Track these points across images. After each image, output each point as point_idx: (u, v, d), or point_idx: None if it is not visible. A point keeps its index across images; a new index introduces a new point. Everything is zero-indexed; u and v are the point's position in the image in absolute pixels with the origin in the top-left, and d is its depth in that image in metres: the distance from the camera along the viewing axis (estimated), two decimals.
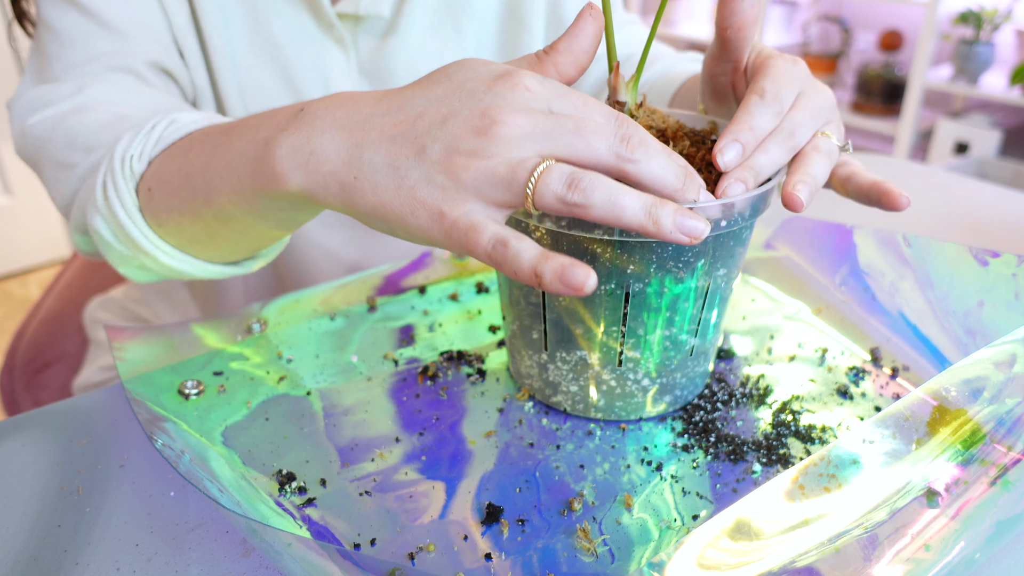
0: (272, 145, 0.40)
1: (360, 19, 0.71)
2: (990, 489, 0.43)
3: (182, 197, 0.47)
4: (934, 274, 0.60)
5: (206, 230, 0.49)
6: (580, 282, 0.34)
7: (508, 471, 0.46)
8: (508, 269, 0.35)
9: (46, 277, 2.32)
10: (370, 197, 0.37)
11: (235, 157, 0.43)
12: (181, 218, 0.49)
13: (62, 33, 0.59)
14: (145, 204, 0.50)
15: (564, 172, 0.35)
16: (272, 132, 0.41)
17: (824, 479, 0.43)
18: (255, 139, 0.42)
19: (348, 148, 0.38)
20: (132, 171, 0.49)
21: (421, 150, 0.36)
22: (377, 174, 0.37)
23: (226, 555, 0.41)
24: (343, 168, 0.38)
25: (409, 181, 0.36)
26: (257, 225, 0.47)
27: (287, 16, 0.69)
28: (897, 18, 2.69)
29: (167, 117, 0.51)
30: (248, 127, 0.44)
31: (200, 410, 0.51)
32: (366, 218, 0.39)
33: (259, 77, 0.69)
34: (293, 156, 0.39)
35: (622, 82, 0.46)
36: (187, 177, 0.47)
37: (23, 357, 0.90)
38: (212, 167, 0.45)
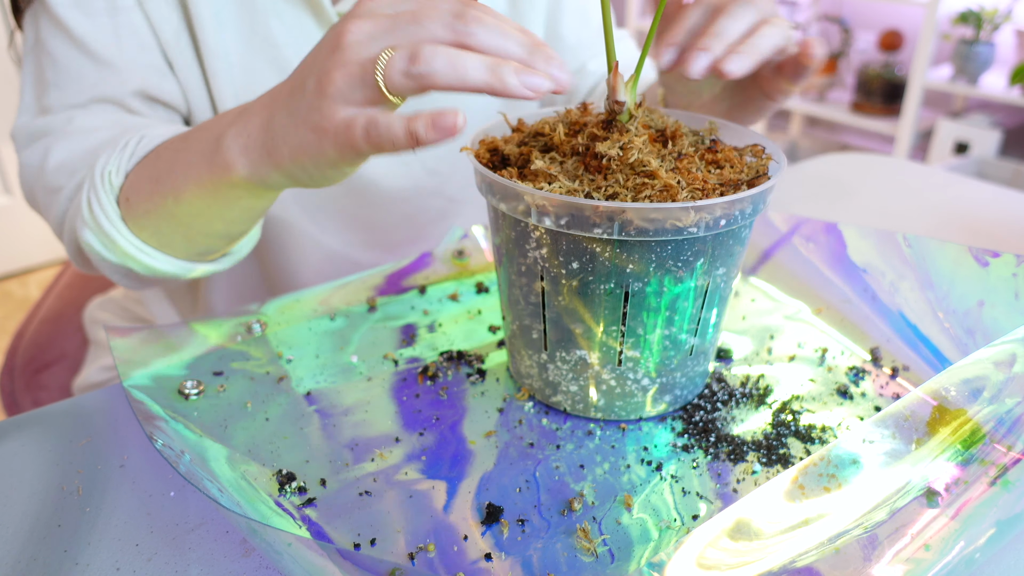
0: (221, 140, 0.47)
1: None
2: (990, 489, 0.43)
3: (155, 200, 0.53)
4: (934, 274, 0.60)
5: (180, 228, 0.54)
6: (451, 122, 0.38)
7: (508, 471, 0.46)
8: (387, 143, 0.39)
9: (46, 277, 2.32)
10: (283, 148, 0.44)
11: (193, 156, 0.50)
12: (158, 220, 0.54)
13: (58, 61, 0.62)
14: (126, 213, 0.55)
15: (405, 51, 0.39)
16: (221, 130, 0.48)
17: (824, 479, 0.43)
18: (208, 139, 0.49)
19: (266, 118, 0.45)
20: (111, 185, 0.55)
21: (301, 88, 0.42)
22: (282, 125, 0.43)
23: (226, 555, 0.41)
24: (265, 135, 0.45)
25: (299, 118, 0.42)
26: (223, 215, 0.53)
27: (286, 17, 0.68)
28: (897, 18, 2.69)
29: (137, 134, 0.57)
30: (203, 129, 0.50)
31: (200, 410, 0.51)
32: (291, 170, 0.45)
33: (258, 79, 0.69)
34: (235, 144, 0.46)
35: (621, 82, 0.46)
36: (156, 182, 0.53)
37: (23, 357, 0.90)
38: (176, 169, 0.51)
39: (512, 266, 0.48)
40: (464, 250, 0.70)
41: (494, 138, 0.50)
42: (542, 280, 0.46)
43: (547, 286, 0.46)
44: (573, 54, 0.82)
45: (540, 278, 0.46)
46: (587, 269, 0.44)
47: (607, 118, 0.47)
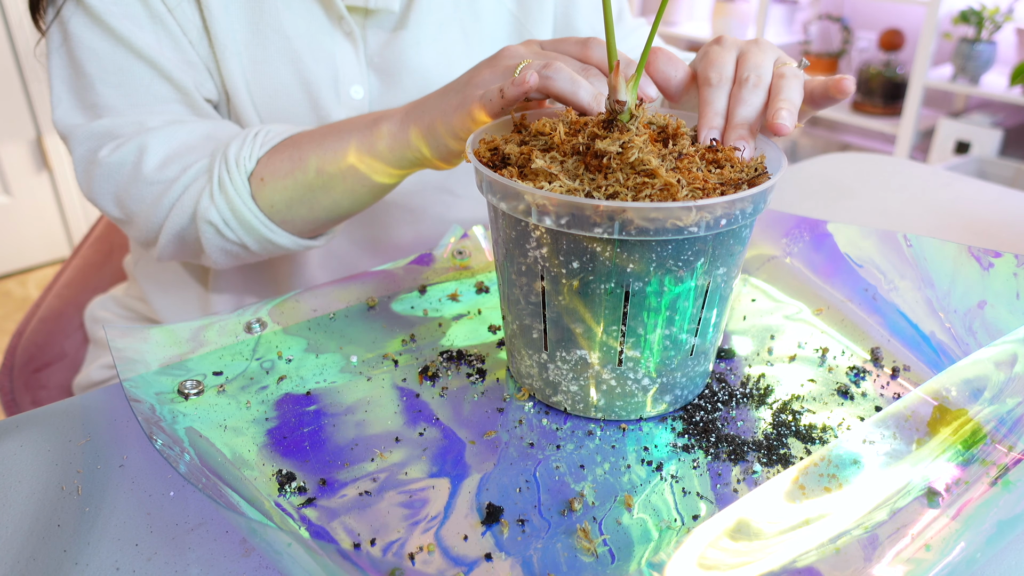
0: (379, 120, 0.61)
1: (370, 12, 0.72)
2: (991, 489, 0.43)
3: (295, 176, 0.63)
4: (935, 274, 0.60)
5: (309, 203, 0.64)
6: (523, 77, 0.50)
7: (508, 471, 0.46)
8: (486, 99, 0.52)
9: (45, 276, 2.32)
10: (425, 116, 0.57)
11: (347, 133, 0.62)
12: (292, 195, 0.64)
13: (104, 58, 0.65)
14: (256, 192, 0.64)
15: (542, 61, 0.51)
16: (378, 116, 0.61)
17: (824, 479, 0.43)
18: (366, 120, 0.62)
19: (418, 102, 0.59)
20: (246, 168, 0.64)
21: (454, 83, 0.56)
22: (432, 103, 0.57)
23: (226, 555, 0.41)
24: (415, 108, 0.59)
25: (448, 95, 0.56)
26: (353, 189, 0.63)
27: (296, 9, 0.70)
28: (898, 17, 2.69)
29: (263, 128, 0.66)
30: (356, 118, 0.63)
31: (200, 410, 0.51)
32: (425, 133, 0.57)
33: (267, 70, 0.70)
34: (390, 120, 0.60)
35: (622, 81, 0.46)
36: (299, 160, 0.63)
37: (22, 356, 0.90)
38: (326, 144, 0.62)
39: (512, 266, 0.48)
40: (464, 250, 0.70)
41: (495, 137, 0.50)
42: (542, 280, 0.46)
43: (547, 286, 0.46)
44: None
45: (540, 278, 0.46)
46: (587, 269, 0.44)
47: (607, 118, 0.47)
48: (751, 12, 2.79)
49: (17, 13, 2.06)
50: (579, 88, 0.50)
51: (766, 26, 2.68)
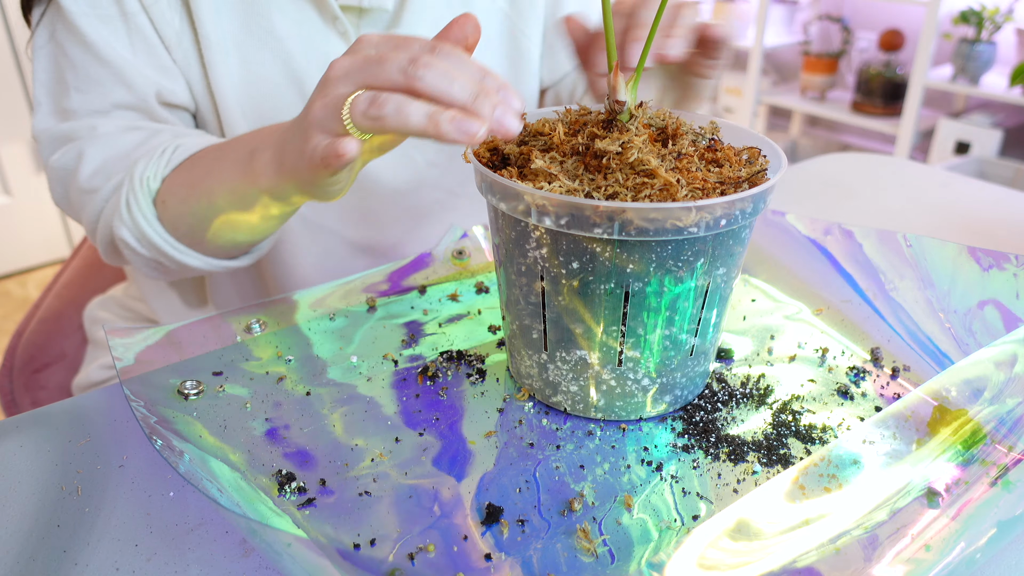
0: (255, 153, 0.54)
1: (364, 12, 0.72)
2: (991, 489, 0.43)
3: (190, 204, 0.60)
4: (935, 274, 0.60)
5: (208, 230, 0.60)
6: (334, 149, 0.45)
7: (508, 471, 0.46)
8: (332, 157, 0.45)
9: (45, 277, 2.32)
10: (287, 162, 0.50)
11: (228, 164, 0.57)
12: (191, 220, 0.61)
13: (77, 65, 0.65)
14: (161, 214, 0.62)
15: (368, 95, 0.43)
16: (257, 143, 0.54)
17: (824, 479, 0.43)
18: (243, 151, 0.55)
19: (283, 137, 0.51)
20: (149, 188, 0.62)
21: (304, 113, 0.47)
22: (290, 145, 0.49)
23: (226, 555, 0.41)
24: (279, 151, 0.51)
25: (295, 141, 0.48)
26: (247, 220, 0.59)
27: (288, 9, 0.69)
28: (898, 17, 2.69)
29: (174, 142, 0.63)
30: (239, 142, 0.57)
31: (200, 410, 0.51)
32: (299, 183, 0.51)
33: (261, 71, 0.70)
34: (263, 156, 0.53)
35: (621, 81, 0.46)
36: (192, 187, 0.59)
37: (22, 357, 0.90)
38: (212, 176, 0.58)
39: (512, 266, 0.48)
40: (464, 250, 0.70)
41: (494, 137, 0.50)
42: (542, 280, 0.46)
43: (547, 286, 0.46)
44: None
45: (540, 278, 0.46)
46: (587, 269, 0.44)
47: (607, 117, 0.47)
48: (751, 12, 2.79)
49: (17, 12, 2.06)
50: (407, 118, 0.42)
51: (766, 26, 2.68)
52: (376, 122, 0.43)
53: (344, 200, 0.78)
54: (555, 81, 0.84)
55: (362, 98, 0.43)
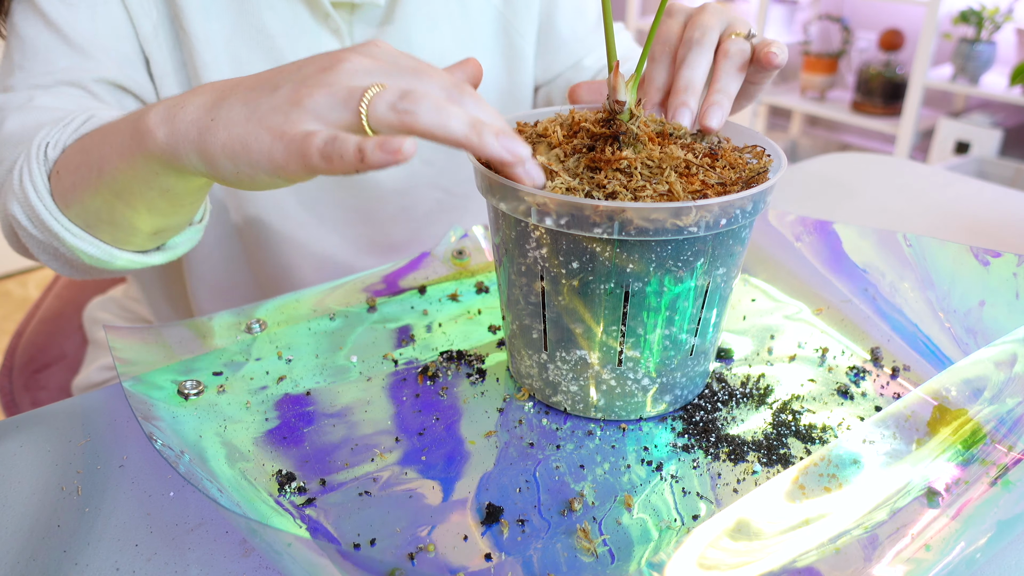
0: (150, 109, 0.45)
1: (356, 7, 0.72)
2: (991, 489, 0.43)
3: (81, 172, 0.51)
4: (935, 274, 0.60)
5: (105, 206, 0.51)
6: (397, 146, 0.37)
7: (508, 471, 0.46)
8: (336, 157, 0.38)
9: (45, 277, 2.32)
10: (221, 133, 0.41)
11: (123, 125, 0.48)
12: (83, 194, 0.51)
13: (27, 43, 0.62)
14: (55, 187, 0.53)
15: (399, 88, 0.39)
16: (156, 104, 0.46)
17: (824, 479, 0.43)
18: (141, 111, 0.46)
19: (212, 100, 0.43)
20: (46, 157, 0.53)
21: (275, 89, 0.41)
22: (232, 112, 0.41)
23: (226, 555, 0.41)
24: (203, 114, 0.42)
25: (259, 113, 0.40)
26: (143, 196, 0.49)
27: (279, 7, 0.69)
28: (898, 17, 2.69)
29: (86, 112, 0.55)
30: (146, 106, 0.48)
31: (200, 410, 0.51)
32: (216, 159, 0.42)
33: (251, 69, 0.69)
34: (163, 113, 0.44)
35: (621, 81, 0.46)
36: (85, 152, 0.51)
37: (22, 357, 0.90)
38: (106, 139, 0.49)
39: (512, 266, 0.48)
40: (464, 250, 0.70)
41: None
42: (542, 280, 0.46)
43: (547, 286, 0.46)
44: (568, 49, 0.82)
45: (540, 278, 0.46)
46: (587, 269, 0.44)
47: (607, 117, 0.47)
48: (751, 12, 2.79)
49: None
50: (449, 118, 0.39)
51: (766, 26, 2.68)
52: (405, 117, 0.39)
53: (341, 200, 0.77)
54: (548, 80, 0.84)
55: (390, 90, 0.39)
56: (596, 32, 0.84)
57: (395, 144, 0.37)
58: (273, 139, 0.40)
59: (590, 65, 0.83)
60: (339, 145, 0.38)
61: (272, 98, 0.41)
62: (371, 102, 0.39)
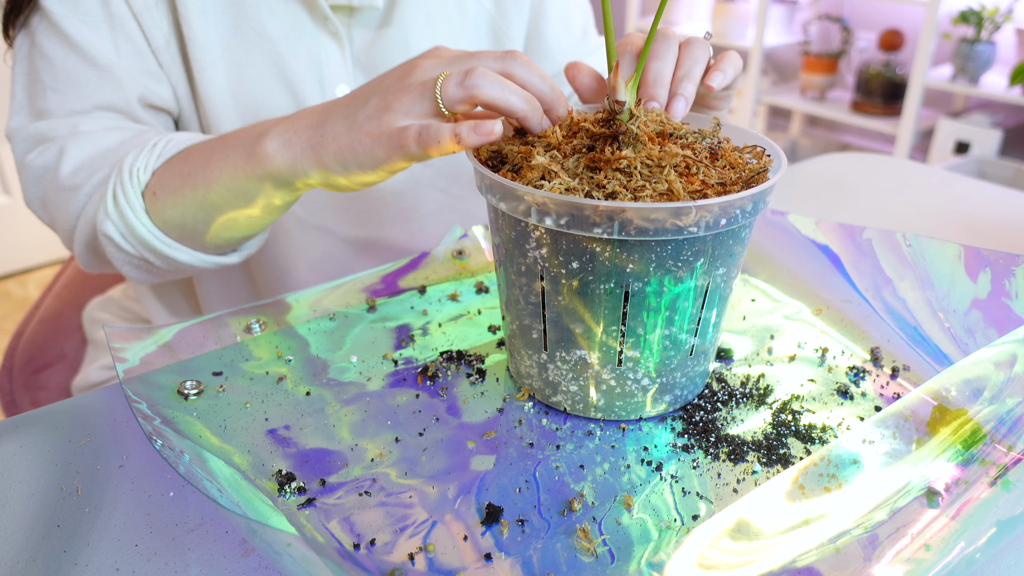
0: (264, 135, 0.53)
1: (354, 10, 0.72)
2: (990, 489, 0.43)
3: (184, 192, 0.58)
4: (934, 274, 0.60)
5: (205, 220, 0.59)
6: (489, 128, 0.46)
7: (508, 471, 0.46)
8: (433, 143, 0.47)
9: (45, 277, 2.32)
10: (331, 145, 0.51)
11: (231, 149, 0.55)
12: (184, 212, 0.59)
13: (56, 66, 0.64)
14: (150, 207, 0.60)
15: (460, 71, 0.47)
16: (265, 128, 0.54)
17: (824, 479, 0.43)
18: (250, 135, 0.55)
19: (317, 121, 0.52)
20: (139, 181, 0.60)
21: (365, 102, 0.50)
22: (336, 127, 0.51)
23: (226, 555, 0.41)
24: (313, 133, 0.52)
25: (357, 122, 0.50)
26: (243, 210, 0.58)
27: (278, 10, 0.69)
28: (898, 17, 2.69)
29: (165, 136, 0.61)
30: (243, 130, 0.56)
31: (200, 410, 0.51)
32: (330, 168, 0.51)
33: (251, 72, 0.69)
34: (279, 138, 0.53)
35: (621, 81, 0.46)
36: (188, 175, 0.58)
37: (22, 357, 0.90)
38: (212, 161, 0.56)
39: (512, 266, 0.48)
40: (464, 250, 0.70)
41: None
42: (542, 280, 0.46)
43: (547, 286, 0.46)
44: (552, 59, 0.83)
45: (540, 278, 0.46)
46: (587, 269, 0.44)
47: (607, 117, 0.47)
48: (751, 12, 2.79)
49: None
50: (510, 94, 0.47)
51: (766, 26, 2.68)
52: (471, 90, 0.46)
53: (340, 201, 0.78)
54: None
55: (455, 73, 0.47)
56: (580, 45, 0.86)
57: (487, 127, 0.46)
58: (373, 141, 0.49)
59: None
60: (433, 132, 0.47)
61: (366, 108, 0.49)
62: (442, 85, 0.47)
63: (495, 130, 0.46)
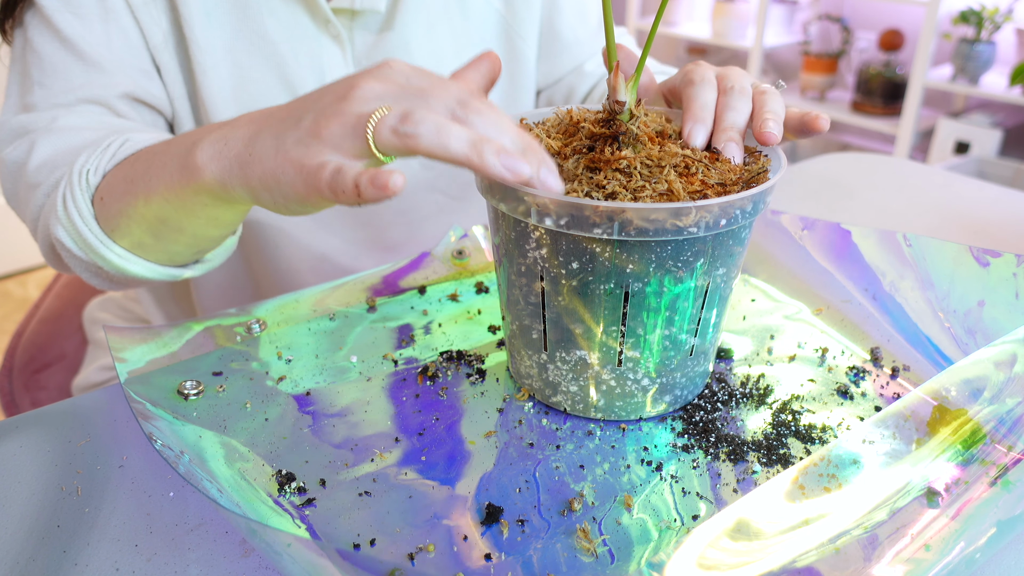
0: (197, 144, 0.47)
1: (356, 14, 0.72)
2: (990, 489, 0.43)
3: (127, 200, 0.53)
4: (934, 274, 0.60)
5: (150, 231, 0.54)
6: (384, 180, 0.38)
7: (508, 471, 0.46)
8: (340, 192, 0.39)
9: (45, 277, 2.32)
10: (257, 167, 0.43)
11: (169, 159, 0.50)
12: (129, 221, 0.54)
13: (45, 60, 0.62)
14: (99, 212, 0.55)
15: (399, 110, 0.39)
16: (201, 136, 0.48)
17: (824, 479, 0.43)
18: (186, 143, 0.49)
19: (250, 134, 0.44)
20: (88, 183, 0.55)
21: (298, 121, 0.42)
22: (265, 147, 0.43)
23: (225, 555, 0.41)
24: (244, 149, 0.44)
25: (285, 146, 0.42)
26: (191, 223, 0.52)
27: (280, 13, 0.69)
28: (898, 17, 2.69)
29: (122, 136, 0.57)
30: (185, 136, 0.50)
31: (200, 410, 0.51)
32: (256, 192, 0.44)
33: (253, 75, 0.69)
34: (211, 149, 0.46)
35: (621, 82, 0.46)
36: (131, 182, 0.53)
37: (22, 357, 0.90)
38: (151, 170, 0.51)
39: (512, 266, 0.48)
40: (464, 250, 0.70)
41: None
42: (542, 280, 0.46)
43: (547, 286, 0.46)
44: (570, 52, 0.82)
45: (540, 278, 0.46)
46: (587, 269, 0.44)
47: (607, 118, 0.47)
48: (751, 12, 2.79)
49: None
50: (449, 138, 0.38)
51: (766, 26, 2.68)
52: (407, 140, 0.39)
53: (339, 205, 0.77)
54: (550, 84, 0.84)
55: (392, 114, 0.39)
56: (598, 36, 0.84)
57: (382, 179, 0.38)
58: (295, 172, 0.41)
59: (592, 71, 0.83)
60: (341, 178, 0.39)
61: (296, 130, 0.42)
62: (376, 127, 0.39)
63: (391, 183, 0.38)
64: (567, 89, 0.84)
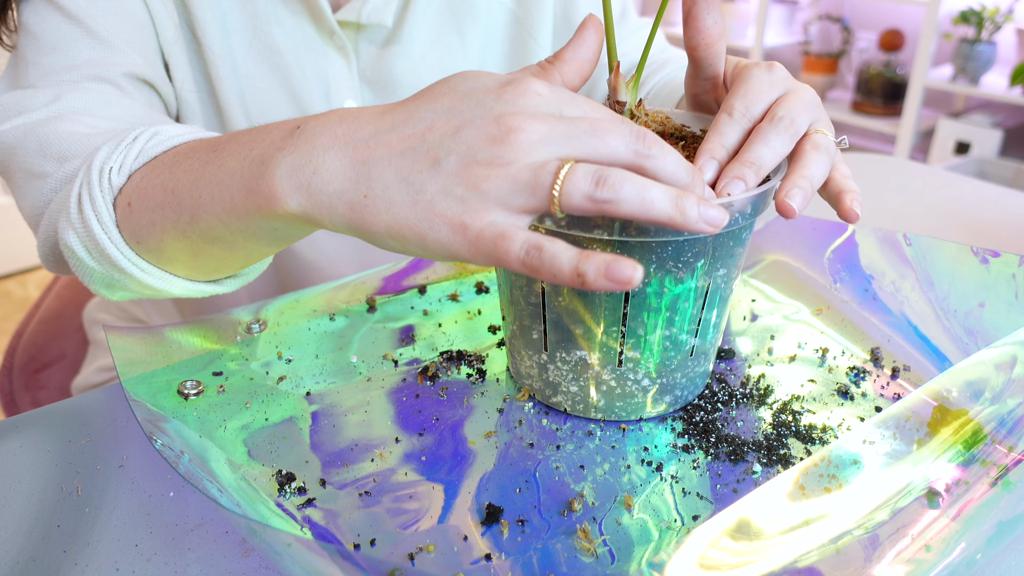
0: (268, 164, 0.39)
1: (362, 27, 0.71)
2: (991, 490, 0.43)
3: (166, 213, 0.45)
4: (935, 274, 0.60)
5: (190, 248, 0.46)
6: (628, 276, 0.33)
7: (508, 471, 0.46)
8: (546, 273, 0.34)
9: (45, 277, 2.32)
10: (383, 215, 0.36)
11: (226, 175, 0.41)
12: (163, 235, 0.46)
13: (42, 38, 0.58)
14: (123, 220, 0.47)
15: (589, 171, 0.35)
16: (267, 150, 0.39)
17: (825, 479, 0.43)
18: (248, 157, 0.40)
19: (354, 166, 0.37)
20: (110, 184, 0.47)
21: (436, 162, 0.35)
22: (390, 190, 0.36)
23: (226, 555, 0.41)
24: (351, 187, 0.37)
25: (426, 195, 0.35)
26: (248, 244, 0.45)
27: (287, 24, 0.69)
28: (898, 17, 2.69)
29: (150, 129, 0.49)
30: (240, 144, 0.42)
31: (200, 410, 0.51)
32: (377, 237, 0.37)
33: (259, 85, 0.69)
34: (293, 176, 0.38)
35: (622, 82, 0.46)
36: (172, 193, 0.44)
37: (22, 357, 0.90)
38: (201, 183, 0.43)
39: None
40: None
41: None
42: (542, 281, 0.46)
43: (547, 286, 0.46)
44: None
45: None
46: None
47: None
48: (751, 12, 2.79)
49: None
50: (652, 202, 0.35)
51: (766, 26, 2.68)
52: (604, 207, 0.35)
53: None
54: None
55: (583, 175, 0.34)
56: (620, 27, 0.80)
57: (624, 273, 0.33)
58: (453, 232, 0.35)
59: None
60: (548, 260, 0.34)
61: (437, 176, 0.35)
62: (564, 189, 0.34)
63: (635, 278, 0.33)
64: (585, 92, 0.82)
